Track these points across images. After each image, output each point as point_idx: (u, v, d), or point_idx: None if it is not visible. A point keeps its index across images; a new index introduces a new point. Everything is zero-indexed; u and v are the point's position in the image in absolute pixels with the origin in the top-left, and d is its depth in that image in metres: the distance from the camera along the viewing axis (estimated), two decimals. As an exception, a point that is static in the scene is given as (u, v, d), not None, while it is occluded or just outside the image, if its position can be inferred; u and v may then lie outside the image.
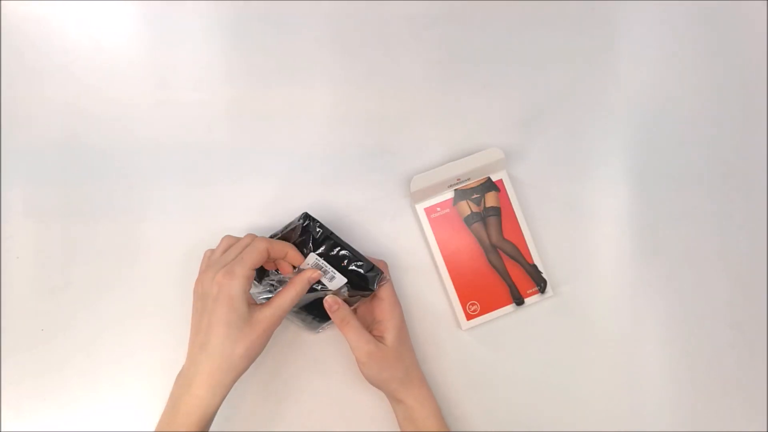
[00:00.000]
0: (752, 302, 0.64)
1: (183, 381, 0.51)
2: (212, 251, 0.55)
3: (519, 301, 0.62)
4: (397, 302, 0.57)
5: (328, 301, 0.55)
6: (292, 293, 0.52)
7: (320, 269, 0.54)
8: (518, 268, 0.62)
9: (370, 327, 0.57)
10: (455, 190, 0.62)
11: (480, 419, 0.61)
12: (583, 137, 0.65)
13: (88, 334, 0.61)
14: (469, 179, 0.62)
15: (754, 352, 0.64)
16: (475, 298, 0.62)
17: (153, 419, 0.60)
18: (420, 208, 0.62)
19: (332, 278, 0.55)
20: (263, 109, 0.64)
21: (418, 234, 0.63)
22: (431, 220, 0.62)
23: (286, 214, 0.63)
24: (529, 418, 0.62)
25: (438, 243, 0.62)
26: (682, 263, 0.64)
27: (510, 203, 0.63)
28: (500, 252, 0.62)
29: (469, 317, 0.62)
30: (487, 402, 0.62)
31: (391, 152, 0.64)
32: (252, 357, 0.51)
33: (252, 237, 0.54)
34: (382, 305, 0.56)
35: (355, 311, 0.58)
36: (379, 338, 0.56)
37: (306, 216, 0.55)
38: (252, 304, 0.51)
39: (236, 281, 0.50)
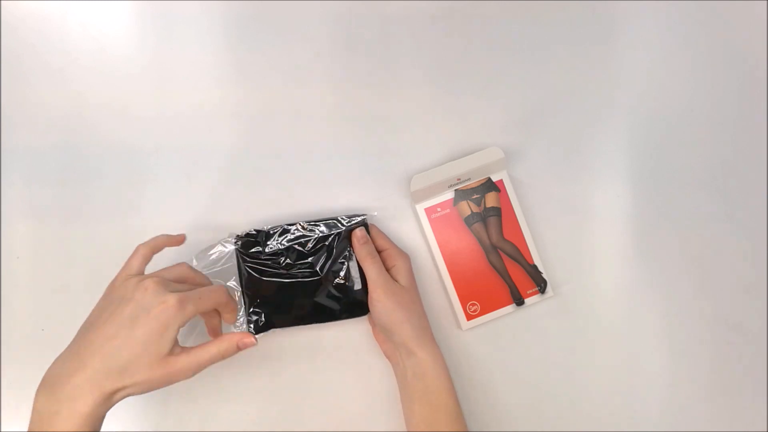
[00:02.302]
0: (752, 302, 0.64)
1: (65, 391, 0.44)
2: (145, 251, 0.52)
3: (519, 302, 0.62)
4: (401, 251, 0.59)
5: (357, 234, 0.57)
6: (214, 351, 0.48)
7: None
8: (518, 268, 0.62)
9: None
10: (455, 190, 0.62)
11: (480, 419, 0.61)
12: (583, 137, 0.65)
13: (88, 334, 0.61)
14: (469, 179, 0.62)
15: (754, 352, 0.64)
16: (475, 299, 0.62)
17: (153, 419, 0.61)
18: (420, 208, 0.62)
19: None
20: (263, 109, 0.64)
21: (418, 234, 0.63)
22: (431, 221, 0.62)
23: (287, 214, 0.63)
24: (529, 418, 0.62)
25: (438, 243, 0.62)
26: (681, 263, 0.64)
27: (510, 203, 0.63)
28: (500, 252, 0.62)
29: (469, 317, 0.62)
30: (487, 402, 0.62)
31: (391, 152, 0.64)
32: (144, 390, 0.46)
33: (210, 283, 0.54)
34: (389, 253, 0.58)
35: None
36: None
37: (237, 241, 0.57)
38: (175, 345, 0.47)
39: (181, 315, 0.47)
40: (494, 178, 0.63)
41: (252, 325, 0.57)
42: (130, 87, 0.64)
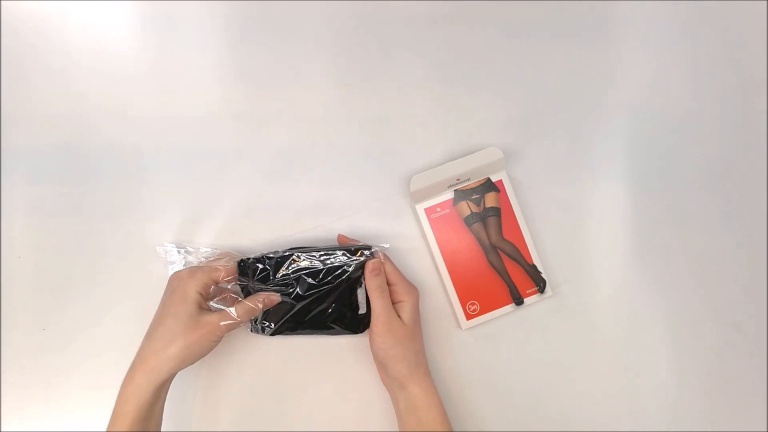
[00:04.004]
0: (752, 302, 0.64)
1: (130, 369, 0.53)
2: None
3: (518, 301, 0.62)
4: (411, 285, 0.58)
5: (370, 266, 0.57)
6: (244, 308, 0.55)
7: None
8: (518, 268, 0.62)
9: None
10: (455, 190, 0.62)
11: (480, 419, 0.61)
12: (582, 137, 0.65)
13: (89, 333, 0.62)
14: (468, 179, 0.62)
15: (754, 352, 0.64)
16: (475, 298, 0.62)
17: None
18: (420, 208, 0.62)
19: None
20: (264, 109, 0.64)
21: (418, 234, 0.63)
22: (431, 221, 0.62)
23: (287, 214, 0.63)
24: (529, 417, 0.62)
25: (438, 243, 0.62)
26: (681, 263, 0.64)
27: (510, 204, 0.63)
28: (500, 252, 0.62)
29: (468, 317, 0.62)
30: (487, 402, 0.62)
31: (391, 152, 0.64)
32: (191, 355, 0.53)
33: (231, 257, 0.58)
34: (396, 288, 0.58)
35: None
36: None
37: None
38: (204, 309, 0.55)
39: (194, 281, 0.54)
40: (494, 179, 0.63)
41: (263, 331, 0.58)
42: (131, 87, 0.64)
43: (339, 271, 0.57)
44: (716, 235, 0.65)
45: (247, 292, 0.57)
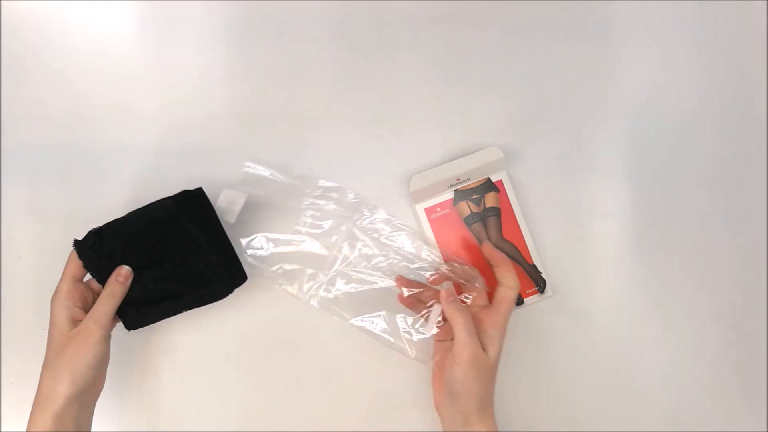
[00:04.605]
0: (752, 302, 0.64)
1: (31, 413, 0.51)
2: None
3: (518, 301, 0.62)
4: (507, 317, 0.54)
5: (444, 292, 0.54)
6: (104, 298, 0.53)
7: None
8: (518, 268, 0.62)
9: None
10: (455, 190, 0.62)
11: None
12: (582, 137, 0.65)
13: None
14: (468, 179, 0.62)
15: (754, 352, 0.64)
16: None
17: (153, 419, 0.61)
18: (420, 208, 0.62)
19: None
20: (264, 109, 0.64)
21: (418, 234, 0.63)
22: (431, 221, 0.62)
23: (287, 214, 0.63)
24: (529, 417, 0.62)
25: (438, 243, 0.62)
26: (681, 263, 0.64)
27: (509, 203, 0.63)
28: (500, 252, 0.62)
29: None
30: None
31: (391, 152, 0.64)
32: (79, 369, 0.50)
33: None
34: (496, 317, 0.54)
35: None
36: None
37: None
38: (78, 320, 0.53)
39: (55, 300, 0.53)
40: (494, 179, 0.63)
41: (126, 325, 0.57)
42: (131, 87, 0.65)
43: (164, 218, 0.54)
44: (716, 235, 0.65)
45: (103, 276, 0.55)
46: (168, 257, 0.55)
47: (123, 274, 0.54)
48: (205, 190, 0.58)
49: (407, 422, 0.61)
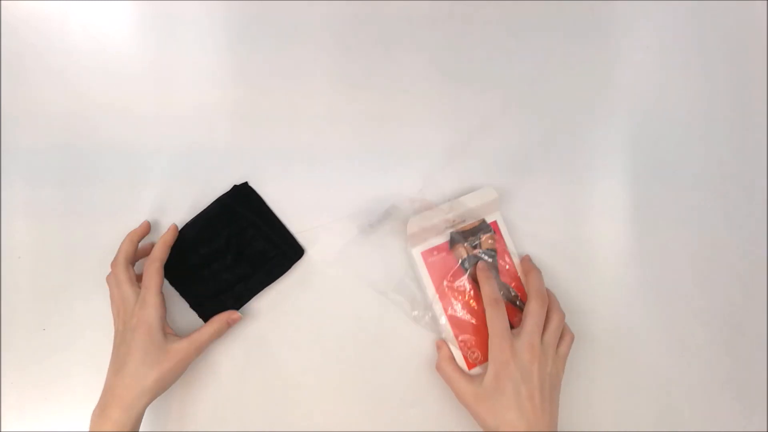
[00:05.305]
0: (752, 302, 0.64)
1: (99, 406, 0.53)
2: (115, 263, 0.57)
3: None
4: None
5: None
6: (210, 331, 0.57)
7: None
8: (515, 310, 0.60)
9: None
10: (451, 233, 0.61)
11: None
12: (582, 137, 0.65)
13: (89, 333, 0.61)
14: (464, 221, 0.61)
15: (754, 352, 0.64)
16: (476, 346, 0.59)
17: (154, 419, 0.60)
18: (416, 252, 0.60)
19: None
20: (264, 109, 0.64)
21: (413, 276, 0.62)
22: (428, 264, 0.60)
23: (288, 214, 0.63)
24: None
25: (435, 288, 0.60)
26: (681, 263, 0.64)
27: (505, 244, 0.61)
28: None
29: (470, 365, 0.59)
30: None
31: (392, 152, 0.64)
32: (165, 385, 0.54)
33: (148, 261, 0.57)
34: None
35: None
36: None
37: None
38: (169, 334, 0.55)
39: (149, 309, 0.53)
40: (488, 219, 0.61)
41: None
42: (131, 87, 0.65)
43: (221, 212, 0.61)
44: (716, 235, 0.65)
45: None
46: (231, 245, 0.60)
47: (234, 319, 0.59)
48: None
49: (407, 422, 0.61)
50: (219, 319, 0.58)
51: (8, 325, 0.62)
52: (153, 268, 0.55)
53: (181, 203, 0.63)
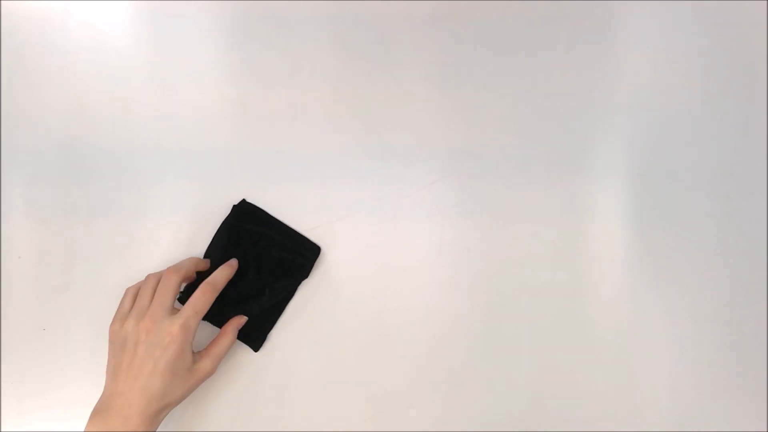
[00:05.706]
0: (752, 302, 0.64)
1: (125, 417, 0.51)
2: (134, 291, 0.57)
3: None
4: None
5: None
6: (227, 344, 0.57)
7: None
8: None
9: None
10: None
11: (479, 420, 0.61)
12: (582, 136, 0.65)
13: (89, 333, 0.61)
14: None
15: (754, 352, 0.64)
16: None
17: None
18: None
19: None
20: (264, 109, 0.64)
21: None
22: None
23: (287, 214, 0.63)
24: (529, 418, 0.62)
25: None
26: (681, 263, 0.64)
27: None
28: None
29: None
30: (487, 403, 0.62)
31: (392, 152, 0.64)
32: (182, 400, 0.54)
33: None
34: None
35: None
36: None
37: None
38: (195, 353, 0.55)
39: (188, 335, 0.53)
40: None
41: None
42: (131, 87, 0.64)
43: (229, 234, 0.61)
44: (716, 235, 0.65)
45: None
46: (249, 262, 0.60)
47: (241, 322, 0.59)
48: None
49: (407, 422, 0.61)
50: (232, 329, 0.58)
51: (8, 325, 0.62)
52: (210, 291, 0.55)
53: (181, 203, 0.63)
